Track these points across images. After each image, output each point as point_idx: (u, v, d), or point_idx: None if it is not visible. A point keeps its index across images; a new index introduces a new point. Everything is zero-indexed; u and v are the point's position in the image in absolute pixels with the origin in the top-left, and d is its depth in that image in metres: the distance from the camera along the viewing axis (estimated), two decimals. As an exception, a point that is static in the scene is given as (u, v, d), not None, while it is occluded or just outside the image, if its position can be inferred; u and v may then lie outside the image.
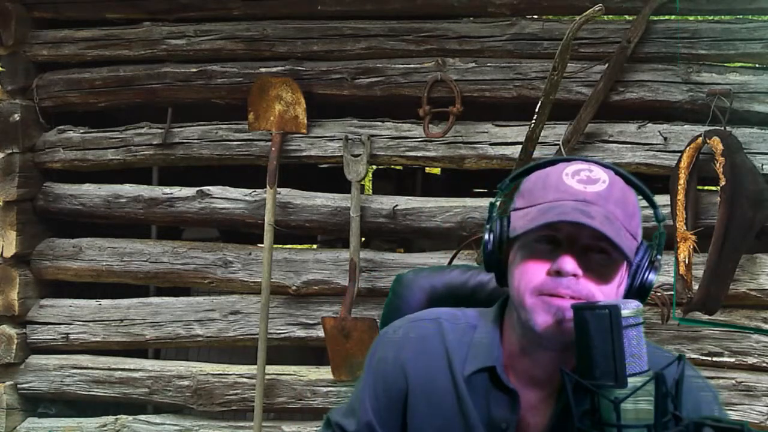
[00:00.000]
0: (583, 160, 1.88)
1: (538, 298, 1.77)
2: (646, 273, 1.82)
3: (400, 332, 1.96)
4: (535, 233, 1.78)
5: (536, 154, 4.72)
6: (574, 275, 1.75)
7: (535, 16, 5.27)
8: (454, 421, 1.88)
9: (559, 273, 1.76)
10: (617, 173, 1.87)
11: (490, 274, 2.00)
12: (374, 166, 6.23)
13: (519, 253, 1.82)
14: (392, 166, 6.67)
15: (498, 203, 1.89)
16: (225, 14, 5.53)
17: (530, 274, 1.79)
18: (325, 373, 5.23)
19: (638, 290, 1.82)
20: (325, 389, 5.23)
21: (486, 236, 1.86)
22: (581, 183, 1.81)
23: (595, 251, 1.77)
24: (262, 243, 5.24)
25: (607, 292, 1.77)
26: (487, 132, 5.09)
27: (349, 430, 1.95)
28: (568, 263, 1.75)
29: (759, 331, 4.68)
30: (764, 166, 4.61)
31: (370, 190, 7.03)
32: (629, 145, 4.88)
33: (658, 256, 1.83)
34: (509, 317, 1.89)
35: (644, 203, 1.93)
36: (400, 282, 2.16)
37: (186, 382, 5.46)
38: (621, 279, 1.80)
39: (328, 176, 6.04)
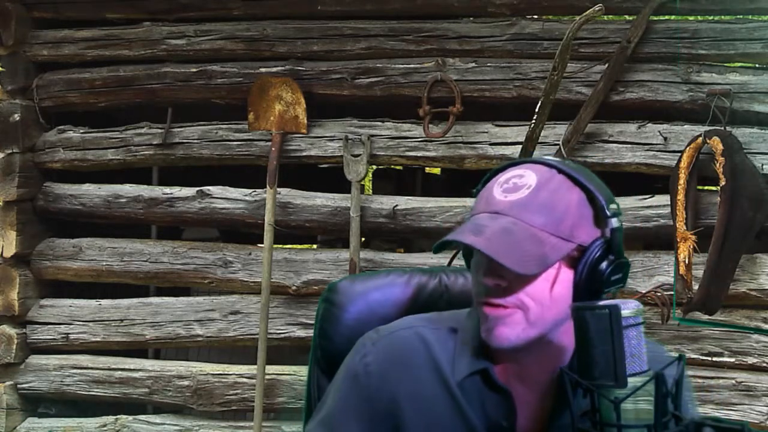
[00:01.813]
0: (529, 163, 1.85)
1: (480, 307, 1.81)
2: (596, 269, 1.78)
3: (379, 345, 1.90)
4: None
5: (536, 153, 4.73)
6: (498, 285, 1.78)
7: (535, 16, 5.27)
8: (455, 428, 1.86)
9: (486, 285, 1.79)
10: (561, 171, 1.82)
11: (428, 276, 2.06)
12: (374, 166, 6.24)
13: (471, 262, 1.86)
14: (392, 166, 6.67)
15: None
16: (225, 14, 5.53)
17: (473, 284, 1.84)
18: (325, 373, 5.23)
19: (588, 287, 1.78)
20: (325, 389, 5.23)
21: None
22: (505, 192, 1.81)
23: None
24: (262, 243, 5.24)
25: (534, 294, 1.77)
26: (487, 132, 5.10)
27: None
28: (488, 279, 1.78)
29: (759, 331, 4.68)
30: (764, 166, 4.61)
31: (370, 190, 7.03)
32: (629, 145, 4.88)
33: (611, 255, 1.78)
34: None
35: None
36: (335, 290, 2.09)
37: (186, 382, 5.47)
38: (552, 279, 1.78)
39: (328, 176, 6.04)
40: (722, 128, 4.61)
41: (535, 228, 1.76)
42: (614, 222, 1.80)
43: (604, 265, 1.78)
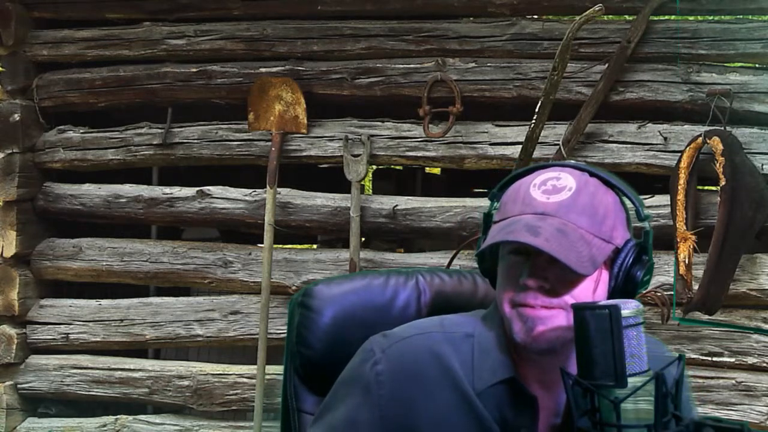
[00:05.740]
0: (558, 166, 1.84)
1: (513, 309, 1.78)
2: (631, 271, 1.80)
3: (390, 353, 1.81)
4: (507, 246, 1.79)
5: (536, 154, 4.73)
6: (542, 286, 1.76)
7: (535, 16, 5.27)
8: None
9: (526, 286, 1.76)
10: (593, 174, 1.82)
11: (402, 277, 2.03)
12: (374, 166, 6.23)
13: (499, 264, 1.82)
14: (392, 166, 6.67)
15: (490, 212, 1.87)
16: (225, 14, 5.53)
17: (505, 285, 1.80)
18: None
19: (623, 289, 1.80)
20: (325, 389, 5.22)
21: (481, 245, 1.85)
22: (545, 194, 1.79)
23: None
24: (262, 243, 5.24)
25: (580, 296, 1.76)
26: (487, 132, 5.10)
27: None
28: (531, 280, 1.76)
29: (759, 331, 4.68)
30: (764, 166, 4.61)
31: (370, 190, 7.03)
32: (629, 145, 4.88)
33: (644, 257, 1.81)
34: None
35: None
36: (310, 294, 2.00)
37: (186, 382, 5.47)
38: (596, 281, 1.78)
39: (328, 176, 6.04)
40: (722, 128, 4.61)
41: (582, 229, 1.76)
42: (647, 225, 1.83)
43: (639, 266, 1.80)
